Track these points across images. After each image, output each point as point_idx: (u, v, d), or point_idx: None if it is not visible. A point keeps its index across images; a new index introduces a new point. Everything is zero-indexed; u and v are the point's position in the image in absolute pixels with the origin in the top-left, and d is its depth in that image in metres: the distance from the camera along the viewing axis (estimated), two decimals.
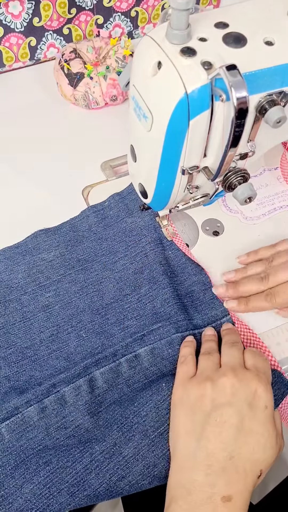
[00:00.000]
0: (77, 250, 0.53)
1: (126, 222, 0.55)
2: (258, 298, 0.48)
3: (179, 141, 0.38)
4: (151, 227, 0.54)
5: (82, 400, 0.44)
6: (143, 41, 0.38)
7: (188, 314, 0.49)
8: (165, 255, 0.53)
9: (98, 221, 0.55)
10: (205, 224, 0.56)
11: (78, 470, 0.40)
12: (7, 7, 0.62)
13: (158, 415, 0.42)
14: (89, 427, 0.43)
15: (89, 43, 0.66)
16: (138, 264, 0.52)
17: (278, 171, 0.61)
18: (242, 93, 0.33)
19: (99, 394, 0.44)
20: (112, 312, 0.50)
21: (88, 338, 0.48)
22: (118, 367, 0.46)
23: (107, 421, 0.43)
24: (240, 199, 0.43)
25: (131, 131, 0.44)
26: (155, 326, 0.48)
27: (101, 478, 0.40)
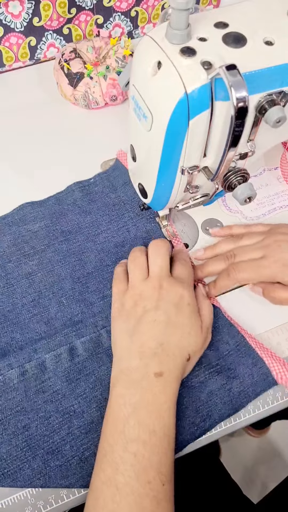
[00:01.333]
0: (62, 222, 0.56)
1: (110, 197, 0.57)
2: (222, 276, 0.48)
3: (179, 141, 0.38)
4: (134, 201, 0.56)
5: (62, 367, 0.46)
6: (143, 41, 0.39)
7: None
8: (147, 228, 0.55)
9: (83, 196, 0.57)
10: (205, 224, 0.56)
11: (55, 440, 0.43)
12: (7, 7, 0.62)
13: None
14: (66, 393, 0.45)
15: (89, 43, 0.66)
16: (120, 238, 0.55)
17: (278, 171, 0.61)
18: (242, 93, 0.33)
19: (79, 362, 0.47)
20: (92, 281, 0.52)
21: (68, 305, 0.50)
22: (99, 337, 0.48)
23: (87, 396, 0.45)
24: (240, 199, 0.43)
25: (131, 131, 0.44)
26: None
27: (75, 451, 0.43)
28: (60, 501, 0.43)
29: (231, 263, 0.48)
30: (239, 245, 0.50)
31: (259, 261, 0.47)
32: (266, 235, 0.49)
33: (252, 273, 0.47)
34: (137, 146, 0.44)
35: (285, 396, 0.47)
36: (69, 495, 0.43)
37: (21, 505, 0.42)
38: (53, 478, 0.42)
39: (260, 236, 0.49)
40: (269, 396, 0.47)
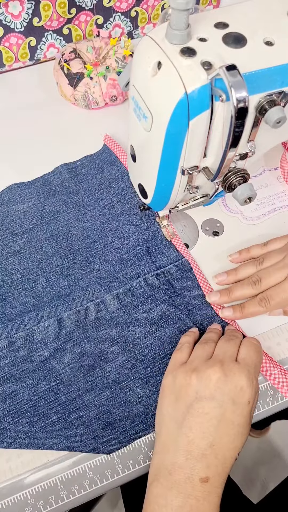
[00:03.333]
0: (49, 202, 0.57)
1: (96, 178, 0.59)
2: (253, 304, 0.48)
3: (179, 141, 0.38)
4: (119, 178, 0.58)
5: (50, 338, 0.48)
6: (143, 41, 0.39)
7: (152, 257, 0.53)
8: (132, 204, 0.56)
9: (70, 177, 0.59)
10: (205, 224, 0.56)
11: (41, 404, 0.45)
12: (7, 7, 0.62)
13: (121, 372, 0.46)
14: (54, 363, 0.47)
15: (89, 43, 0.66)
16: (106, 215, 0.56)
17: (278, 171, 0.61)
18: (242, 93, 0.33)
19: (66, 333, 0.48)
20: (79, 257, 0.53)
21: (56, 280, 0.52)
22: (86, 310, 0.49)
23: (74, 366, 0.47)
24: (240, 199, 0.43)
25: (131, 131, 0.44)
26: (120, 274, 0.52)
27: (60, 414, 0.45)
28: (60, 501, 0.43)
29: (259, 291, 0.48)
30: (261, 268, 0.49)
31: (284, 283, 0.46)
32: (286, 252, 0.49)
33: (280, 298, 0.46)
34: (137, 146, 0.44)
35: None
36: (69, 496, 0.43)
37: (21, 505, 0.42)
38: (38, 439, 0.43)
39: (280, 254, 0.49)
40: (269, 396, 0.47)
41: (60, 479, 0.43)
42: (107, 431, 0.44)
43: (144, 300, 0.50)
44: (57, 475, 0.43)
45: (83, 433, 0.44)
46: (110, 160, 0.60)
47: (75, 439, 0.44)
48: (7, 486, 0.42)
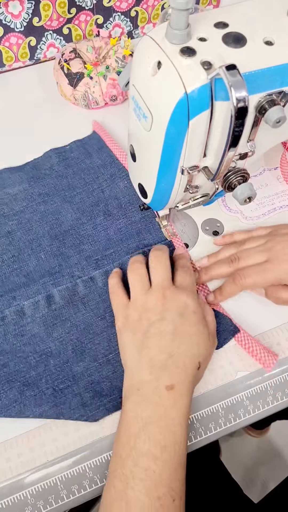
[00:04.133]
0: (39, 185, 0.58)
1: (85, 163, 0.60)
2: (228, 283, 0.48)
3: (179, 141, 0.38)
4: (108, 164, 0.59)
5: (40, 313, 0.49)
6: (143, 41, 0.39)
7: (140, 237, 0.55)
8: (121, 188, 0.58)
9: (60, 161, 0.60)
10: (205, 224, 0.56)
11: (31, 375, 0.46)
12: (7, 6, 0.62)
13: (109, 345, 0.48)
14: (44, 337, 0.48)
15: (89, 43, 0.66)
16: (95, 198, 0.57)
17: (278, 171, 0.61)
18: (241, 93, 0.33)
19: (56, 309, 0.50)
20: (69, 237, 0.55)
21: (46, 259, 0.53)
22: (75, 286, 0.51)
23: (63, 340, 0.48)
24: (240, 199, 0.43)
25: (130, 131, 0.44)
26: (108, 252, 0.54)
27: (50, 384, 0.46)
28: (60, 501, 0.43)
29: (236, 269, 0.48)
30: (241, 249, 0.50)
31: (263, 264, 0.47)
32: (268, 238, 0.49)
33: (258, 277, 0.47)
34: (137, 146, 0.44)
35: (285, 396, 0.47)
36: (69, 495, 0.43)
37: (21, 505, 0.42)
38: (28, 406, 0.44)
39: (262, 239, 0.49)
40: (269, 396, 0.47)
41: (60, 479, 0.43)
42: (95, 399, 0.45)
43: None
44: (57, 475, 0.43)
45: (71, 400, 0.45)
46: (99, 145, 0.61)
47: (64, 406, 0.45)
48: (7, 486, 0.42)
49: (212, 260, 0.52)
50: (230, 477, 0.68)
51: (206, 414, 0.46)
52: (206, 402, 0.46)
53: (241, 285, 0.47)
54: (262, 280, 0.47)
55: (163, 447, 0.38)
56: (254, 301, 0.51)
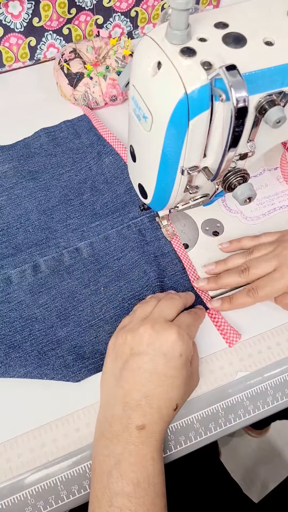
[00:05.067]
0: (29, 163, 0.60)
1: (74, 142, 0.62)
2: (241, 295, 0.48)
3: (179, 141, 0.38)
4: (95, 143, 0.62)
5: (26, 281, 0.51)
6: (143, 41, 0.38)
7: (125, 210, 0.56)
8: (106, 163, 0.60)
9: (49, 141, 0.62)
10: (205, 224, 0.56)
11: (16, 339, 0.48)
12: (7, 7, 0.62)
13: (92, 312, 0.50)
14: (29, 304, 0.50)
15: (89, 43, 0.66)
16: (82, 176, 0.60)
17: (278, 171, 0.61)
18: (241, 93, 0.33)
19: (42, 277, 0.52)
20: (57, 212, 0.57)
21: (34, 232, 0.55)
22: (60, 256, 0.53)
23: (48, 306, 0.50)
24: (240, 199, 0.43)
25: (130, 131, 0.44)
26: (94, 224, 0.56)
27: (34, 346, 0.48)
28: (60, 501, 0.43)
29: (247, 280, 0.48)
30: (250, 258, 0.49)
31: (272, 274, 0.47)
32: (276, 244, 0.49)
33: (269, 288, 0.47)
34: (137, 146, 0.44)
35: (285, 396, 0.47)
36: (69, 496, 0.43)
37: (21, 505, 0.42)
38: (13, 367, 0.46)
39: (270, 246, 0.49)
40: (269, 396, 0.47)
41: (60, 479, 0.43)
42: (77, 361, 0.47)
43: (115, 249, 0.54)
44: (57, 475, 0.43)
45: (55, 362, 0.47)
46: (87, 127, 0.63)
47: (48, 367, 0.46)
48: (7, 486, 0.42)
49: (221, 268, 0.51)
50: (230, 477, 0.68)
51: (206, 414, 0.46)
52: (206, 402, 0.46)
53: (255, 298, 0.47)
54: (273, 290, 0.47)
55: (136, 484, 0.38)
56: None
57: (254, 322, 0.50)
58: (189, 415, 0.46)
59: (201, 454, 0.56)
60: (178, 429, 0.45)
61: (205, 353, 0.48)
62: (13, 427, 0.45)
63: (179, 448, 0.45)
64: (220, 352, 0.48)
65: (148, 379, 0.40)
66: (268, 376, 0.48)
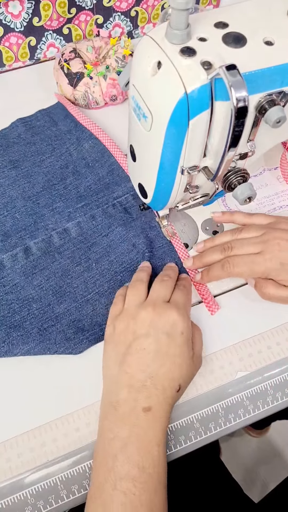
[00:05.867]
0: (9, 153, 0.61)
1: (51, 130, 0.63)
2: (216, 267, 0.48)
3: (179, 141, 0.38)
4: (73, 129, 0.62)
5: (18, 264, 0.52)
6: (143, 41, 0.38)
7: (109, 190, 0.58)
8: (87, 148, 0.61)
9: (26, 130, 0.63)
10: (205, 224, 0.56)
11: (16, 319, 0.49)
12: (7, 6, 0.62)
13: (87, 287, 0.51)
14: (24, 285, 0.51)
15: (89, 43, 0.66)
16: (64, 161, 0.60)
17: (278, 171, 0.61)
18: (241, 93, 0.33)
19: (34, 259, 0.53)
20: (42, 198, 0.57)
21: (22, 218, 0.56)
22: (50, 238, 0.54)
23: (43, 286, 0.51)
24: (240, 199, 0.43)
25: (130, 131, 0.44)
26: (79, 204, 0.57)
27: (34, 325, 0.49)
28: (60, 501, 0.43)
29: (228, 256, 0.48)
30: (237, 238, 0.49)
31: (254, 256, 0.46)
32: (266, 230, 0.48)
33: (246, 268, 0.47)
34: (137, 146, 0.44)
35: (285, 396, 0.47)
36: (69, 495, 0.43)
37: (21, 505, 0.42)
38: (15, 345, 0.47)
39: (260, 230, 0.49)
40: (269, 396, 0.47)
41: (60, 478, 0.43)
42: (78, 334, 0.48)
43: (103, 227, 0.55)
44: (57, 474, 0.43)
45: (56, 337, 0.48)
46: (63, 114, 0.64)
47: (50, 342, 0.47)
48: (7, 486, 0.42)
49: (208, 245, 0.52)
50: (230, 477, 0.68)
51: (206, 414, 0.46)
52: (206, 402, 0.46)
53: (228, 272, 0.48)
54: (249, 272, 0.47)
55: (141, 468, 0.38)
56: (254, 302, 0.51)
57: (254, 322, 0.50)
58: (189, 415, 0.46)
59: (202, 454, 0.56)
60: (178, 429, 0.45)
61: (205, 352, 0.48)
62: (13, 427, 0.45)
63: (179, 447, 0.45)
64: (220, 352, 0.48)
65: (152, 359, 0.41)
66: (268, 376, 0.48)
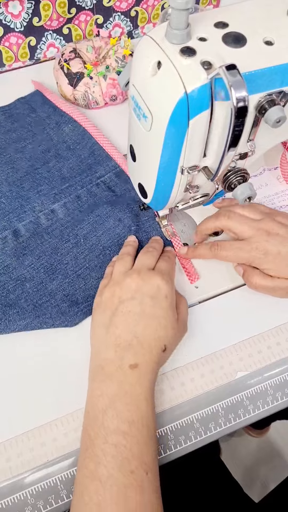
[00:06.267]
0: None
1: (30, 116, 0.64)
2: (205, 246, 0.50)
3: (179, 141, 0.38)
4: (52, 114, 0.63)
5: (9, 246, 0.53)
6: (143, 41, 0.38)
7: (92, 170, 0.59)
8: (67, 132, 0.62)
9: (5, 118, 0.64)
10: None
11: (11, 298, 0.50)
12: (7, 6, 0.62)
13: (77, 262, 0.53)
14: (16, 266, 0.52)
15: (89, 43, 0.66)
16: (45, 146, 0.61)
17: (278, 170, 0.61)
18: (241, 93, 0.33)
19: (23, 241, 0.54)
20: (26, 182, 0.58)
21: (8, 203, 0.57)
22: (37, 219, 0.55)
23: (34, 265, 0.52)
24: (240, 199, 0.43)
25: (130, 131, 0.44)
26: (64, 186, 0.58)
27: (29, 302, 0.50)
28: (60, 501, 0.43)
29: (221, 226, 0.49)
30: (239, 212, 0.50)
31: (241, 243, 0.48)
32: (265, 217, 0.49)
33: (231, 253, 0.48)
34: (137, 146, 0.44)
35: (285, 396, 0.47)
36: (69, 495, 0.43)
37: (21, 505, 0.42)
38: (12, 322, 0.48)
39: (261, 215, 0.49)
40: (269, 396, 0.47)
41: (60, 478, 0.43)
42: (72, 307, 0.50)
43: (89, 206, 0.56)
44: (57, 474, 0.43)
45: (51, 311, 0.49)
46: (41, 101, 0.65)
47: (46, 316, 0.49)
48: (7, 486, 0.42)
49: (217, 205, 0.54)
50: (231, 476, 0.68)
51: (206, 414, 0.46)
52: (206, 402, 0.46)
53: (214, 254, 0.49)
54: (234, 257, 0.48)
55: (131, 422, 0.39)
56: (254, 302, 0.51)
57: (254, 322, 0.50)
58: (189, 415, 0.46)
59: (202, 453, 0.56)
60: (178, 428, 0.46)
61: (205, 352, 0.48)
62: (13, 427, 0.45)
63: (179, 447, 0.45)
64: (220, 352, 0.48)
65: (138, 320, 0.43)
66: (268, 376, 0.48)
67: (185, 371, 0.47)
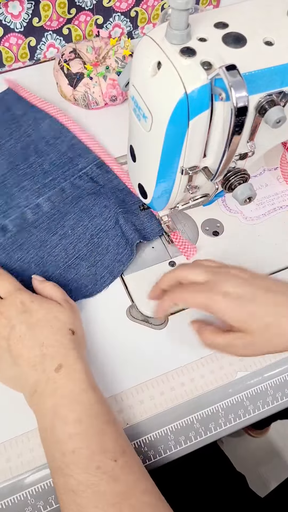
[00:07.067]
0: None
1: (6, 115, 0.64)
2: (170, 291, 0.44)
3: (179, 141, 0.38)
4: (28, 112, 0.64)
5: None
6: (143, 41, 0.39)
7: (73, 163, 0.60)
8: (45, 128, 0.62)
9: None
10: (205, 224, 0.56)
11: None
12: (7, 7, 0.62)
13: (67, 253, 0.53)
14: (6, 261, 0.53)
15: (89, 43, 0.66)
16: (23, 142, 0.62)
17: (278, 171, 0.61)
18: (241, 93, 0.33)
19: (11, 236, 0.54)
20: (8, 179, 0.59)
21: None
22: (23, 215, 0.56)
23: (24, 259, 0.53)
24: (240, 199, 0.43)
25: (130, 131, 0.44)
26: (47, 180, 0.58)
27: None
28: None
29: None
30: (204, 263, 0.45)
31: (199, 285, 0.42)
32: (221, 267, 0.44)
33: (188, 295, 0.42)
34: (137, 146, 0.44)
35: (285, 396, 0.47)
36: None
37: (21, 505, 0.42)
38: None
39: (220, 265, 0.45)
40: (269, 396, 0.47)
41: None
42: None
43: (73, 198, 0.57)
44: None
45: None
46: (15, 98, 0.65)
47: None
48: (7, 486, 0.42)
49: None
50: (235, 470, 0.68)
51: (206, 414, 0.46)
52: (206, 402, 0.46)
53: (173, 298, 0.43)
54: (190, 299, 0.42)
55: (78, 420, 0.38)
56: None
57: None
58: (189, 415, 0.46)
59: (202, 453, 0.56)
60: (178, 429, 0.46)
61: (205, 353, 0.48)
62: (13, 427, 0.45)
63: (179, 448, 0.45)
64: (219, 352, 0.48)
65: (32, 334, 0.42)
66: (268, 376, 0.48)
67: (185, 371, 0.47)
